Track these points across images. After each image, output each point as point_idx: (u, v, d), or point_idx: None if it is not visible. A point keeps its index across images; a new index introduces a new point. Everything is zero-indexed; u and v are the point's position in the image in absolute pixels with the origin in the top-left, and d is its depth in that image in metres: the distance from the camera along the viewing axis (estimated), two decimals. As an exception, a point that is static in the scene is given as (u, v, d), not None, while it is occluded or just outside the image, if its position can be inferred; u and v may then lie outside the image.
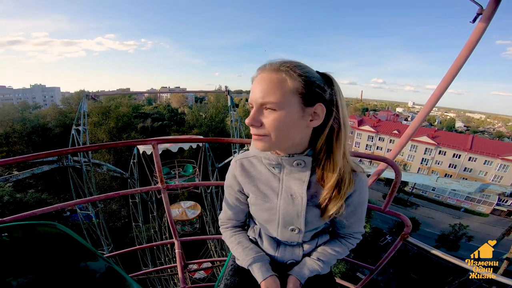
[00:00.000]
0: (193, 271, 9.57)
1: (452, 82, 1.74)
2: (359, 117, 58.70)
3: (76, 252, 1.13)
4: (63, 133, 29.37)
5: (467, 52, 1.58)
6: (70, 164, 11.95)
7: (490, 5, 1.41)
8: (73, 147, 1.69)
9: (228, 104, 14.01)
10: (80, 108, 12.68)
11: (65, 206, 1.72)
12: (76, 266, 1.10)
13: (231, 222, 1.25)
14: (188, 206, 13.60)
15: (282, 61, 0.86)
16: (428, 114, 1.98)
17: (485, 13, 1.44)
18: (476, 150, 40.79)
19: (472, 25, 1.50)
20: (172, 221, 2.08)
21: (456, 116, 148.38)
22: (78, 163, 12.20)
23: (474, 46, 1.56)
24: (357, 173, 1.00)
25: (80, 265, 1.12)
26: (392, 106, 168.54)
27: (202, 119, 37.75)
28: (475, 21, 1.49)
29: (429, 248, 1.84)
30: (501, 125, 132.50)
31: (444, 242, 25.61)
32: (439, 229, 30.27)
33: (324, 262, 1.10)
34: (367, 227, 16.56)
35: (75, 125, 12.53)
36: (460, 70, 1.67)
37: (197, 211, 13.28)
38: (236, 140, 1.93)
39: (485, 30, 1.48)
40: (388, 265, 22.61)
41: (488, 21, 1.45)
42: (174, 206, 13.71)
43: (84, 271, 1.12)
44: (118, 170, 14.48)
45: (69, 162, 11.89)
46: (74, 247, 1.12)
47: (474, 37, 1.53)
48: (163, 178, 1.89)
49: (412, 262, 21.73)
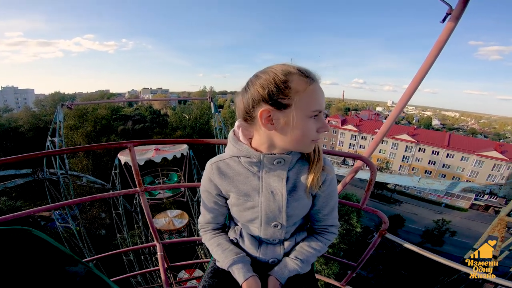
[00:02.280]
0: (185, 280, 9.26)
1: (422, 81, 1.77)
2: (342, 117, 59.67)
3: (53, 257, 1.08)
4: (36, 137, 27.78)
5: (437, 52, 1.62)
6: (46, 177, 11.17)
7: (459, 5, 1.45)
8: (44, 151, 1.58)
9: (212, 111, 13.77)
10: (55, 118, 11.80)
11: (39, 210, 1.65)
12: (54, 271, 1.06)
13: (210, 225, 1.25)
14: (175, 215, 13.20)
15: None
16: (400, 112, 2.01)
17: (454, 13, 1.48)
18: (453, 147, 42.47)
19: (442, 25, 1.55)
20: (153, 224, 2.07)
21: (433, 114, 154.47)
22: (55, 175, 11.39)
23: (443, 45, 1.60)
24: (326, 166, 1.07)
25: (58, 270, 1.07)
26: (372, 105, 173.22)
27: (186, 120, 36.63)
28: (444, 21, 1.53)
29: (406, 243, 1.84)
30: (474, 122, 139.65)
31: (428, 238, 26.26)
32: (423, 225, 31.07)
33: (303, 261, 1.13)
34: (358, 227, 16.68)
35: (50, 136, 11.70)
36: (430, 69, 1.70)
37: (185, 220, 12.88)
38: (215, 140, 1.91)
39: (454, 30, 1.53)
40: (377, 262, 22.92)
41: (457, 20, 1.49)
42: (161, 216, 13.27)
43: (62, 276, 1.07)
44: (99, 182, 13.97)
45: (45, 174, 11.10)
46: (51, 252, 1.08)
47: (443, 37, 1.57)
48: (140, 181, 1.87)
49: (400, 258, 22.06)
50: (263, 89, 0.90)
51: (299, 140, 0.96)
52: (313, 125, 0.94)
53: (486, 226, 23.95)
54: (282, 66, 0.93)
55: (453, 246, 26.70)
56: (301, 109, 0.90)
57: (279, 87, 0.89)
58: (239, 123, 1.07)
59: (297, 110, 0.90)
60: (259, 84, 0.92)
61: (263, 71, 0.95)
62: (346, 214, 16.68)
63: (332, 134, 56.38)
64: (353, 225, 16.57)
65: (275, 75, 0.90)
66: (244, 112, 0.99)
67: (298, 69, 0.92)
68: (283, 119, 0.91)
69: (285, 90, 0.89)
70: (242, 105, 0.99)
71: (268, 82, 0.90)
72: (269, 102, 0.91)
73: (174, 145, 12.53)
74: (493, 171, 38.98)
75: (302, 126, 0.92)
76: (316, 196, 1.13)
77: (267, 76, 0.92)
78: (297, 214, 1.11)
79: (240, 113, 1.02)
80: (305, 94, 0.89)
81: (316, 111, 0.92)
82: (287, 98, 0.89)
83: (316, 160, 1.05)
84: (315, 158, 1.05)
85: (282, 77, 0.89)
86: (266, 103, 0.91)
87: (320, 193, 1.10)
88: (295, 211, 1.09)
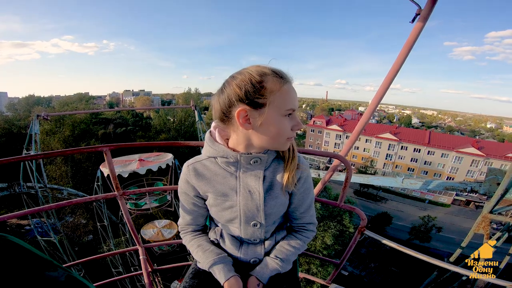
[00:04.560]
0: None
1: (394, 79, 1.79)
2: (326, 117, 60.35)
3: (31, 263, 1.00)
4: (9, 143, 26.09)
5: (407, 51, 1.65)
6: (24, 191, 10.72)
7: (427, 5, 1.50)
8: (17, 156, 1.52)
9: (196, 119, 13.86)
10: (31, 130, 11.21)
11: (13, 216, 1.63)
12: (32, 277, 0.97)
13: (190, 227, 1.26)
14: (163, 226, 12.77)
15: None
16: (374, 110, 2.02)
17: (422, 13, 1.52)
18: (433, 144, 43.90)
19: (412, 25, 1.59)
20: (133, 227, 2.05)
21: (412, 113, 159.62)
22: (33, 189, 10.91)
23: (413, 44, 1.63)
24: (300, 164, 1.11)
25: (37, 276, 0.99)
26: (355, 105, 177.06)
27: (171, 123, 35.65)
28: (414, 21, 1.56)
29: (384, 240, 1.84)
30: (450, 120, 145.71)
31: (416, 235, 26.74)
32: (409, 221, 31.79)
33: (283, 260, 1.14)
34: (351, 227, 16.69)
35: (26, 149, 11.14)
36: (401, 68, 1.72)
37: (174, 230, 12.44)
38: (196, 143, 1.91)
39: (423, 29, 1.57)
40: (368, 260, 23.09)
41: (425, 20, 1.53)
42: (149, 226, 12.79)
43: (41, 282, 0.99)
44: (81, 194, 13.70)
45: (22, 188, 10.67)
46: (28, 258, 1.00)
47: (413, 36, 1.60)
48: (118, 185, 1.87)
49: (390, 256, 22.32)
50: (240, 89, 0.92)
51: (275, 138, 0.98)
52: (288, 123, 0.97)
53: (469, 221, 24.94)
54: (257, 67, 0.95)
55: (440, 241, 27.38)
56: (276, 108, 0.93)
57: (255, 87, 0.91)
58: (216, 124, 1.09)
59: (272, 109, 0.93)
60: (236, 84, 0.93)
61: (239, 72, 0.97)
62: (338, 215, 16.62)
63: (318, 134, 56.85)
64: (346, 225, 16.52)
65: (251, 76, 0.92)
66: (221, 113, 1.00)
67: (272, 70, 0.95)
68: (260, 118, 0.93)
69: (261, 90, 0.91)
70: (219, 105, 0.99)
71: (245, 82, 0.92)
72: (246, 102, 0.92)
73: (158, 156, 12.22)
74: (471, 167, 40.53)
75: (278, 124, 0.95)
76: (292, 194, 1.16)
77: (243, 76, 0.93)
78: (275, 212, 1.12)
79: (217, 114, 1.03)
80: (279, 93, 0.92)
81: (290, 110, 0.96)
82: (262, 97, 0.92)
83: (291, 158, 1.08)
84: (290, 157, 1.08)
85: (258, 77, 0.92)
86: (242, 102, 0.92)
87: (295, 191, 1.13)
88: (273, 210, 1.11)
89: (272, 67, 0.96)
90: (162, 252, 12.89)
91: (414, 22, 1.57)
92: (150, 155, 12.18)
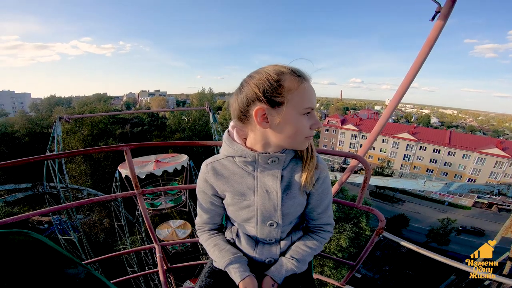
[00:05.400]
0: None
1: (414, 79, 1.75)
2: (341, 117, 59.30)
3: (52, 259, 1.08)
4: (33, 142, 27.21)
5: (427, 49, 1.61)
6: (47, 191, 11.14)
7: (447, 3, 1.46)
8: (42, 155, 1.58)
9: (211, 121, 13.96)
10: (53, 132, 11.58)
11: (37, 214, 1.69)
12: (54, 273, 1.06)
13: (207, 226, 1.27)
14: (177, 226, 13.11)
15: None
16: (393, 110, 2.00)
17: (443, 11, 1.48)
18: (454, 145, 42.17)
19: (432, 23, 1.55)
20: (150, 225, 2.07)
21: (431, 112, 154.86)
22: (55, 189, 11.32)
23: (434, 43, 1.58)
24: (319, 164, 1.10)
25: (58, 273, 1.07)
26: (371, 104, 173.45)
27: (185, 123, 36.12)
28: (434, 19, 1.53)
29: (403, 242, 1.82)
30: (472, 119, 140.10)
31: (434, 237, 25.88)
32: (427, 224, 30.85)
33: (299, 261, 1.14)
34: (367, 230, 16.35)
35: (49, 151, 11.52)
36: (421, 67, 1.68)
37: (188, 230, 12.79)
38: (212, 142, 1.93)
39: (443, 28, 1.52)
40: (383, 263, 22.57)
41: (446, 18, 1.49)
42: (163, 226, 13.15)
43: (62, 278, 1.08)
44: (100, 194, 13.95)
45: (45, 188, 11.08)
46: (50, 255, 1.08)
47: (433, 35, 1.56)
48: (137, 183, 1.89)
49: (406, 259, 21.73)
50: (258, 88, 0.92)
51: (293, 137, 0.98)
52: (306, 122, 0.97)
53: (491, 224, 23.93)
54: (275, 66, 0.96)
55: (459, 245, 26.43)
56: (294, 107, 0.93)
57: (273, 86, 0.91)
58: (234, 123, 1.10)
59: (290, 107, 0.93)
60: (253, 83, 0.94)
61: (257, 72, 0.97)
62: (355, 217, 16.29)
63: (332, 133, 56.01)
64: (362, 228, 16.16)
65: (268, 75, 0.92)
66: (239, 112, 1.01)
67: (289, 69, 0.94)
68: (278, 116, 0.94)
69: (279, 89, 0.91)
70: (237, 104, 1.00)
71: (262, 81, 0.92)
72: (264, 101, 0.92)
73: (174, 157, 12.45)
74: (495, 168, 38.69)
75: (296, 123, 0.95)
76: (310, 194, 1.15)
77: (260, 75, 0.94)
78: (292, 212, 1.12)
79: (235, 113, 1.03)
80: (297, 92, 0.92)
81: (308, 108, 0.96)
82: (280, 96, 0.92)
83: (309, 158, 1.07)
84: (308, 156, 1.07)
85: (275, 76, 0.92)
86: (260, 101, 0.93)
87: (314, 191, 1.12)
88: (290, 210, 1.10)
89: (290, 66, 0.95)
90: (176, 251, 13.18)
91: (434, 20, 1.53)
92: (166, 156, 12.44)
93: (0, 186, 10.47)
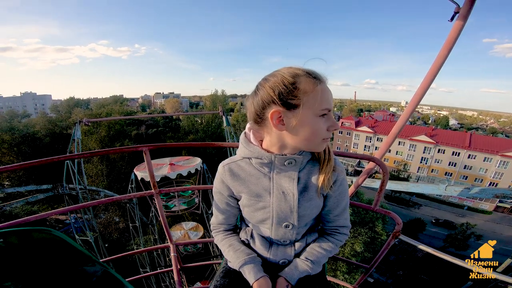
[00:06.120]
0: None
1: (434, 80, 1.73)
2: (356, 118, 58.30)
3: (72, 257, 1.12)
4: (53, 143, 28.20)
5: (447, 51, 1.59)
6: (66, 192, 11.60)
7: (466, 3, 1.43)
8: (64, 155, 1.65)
9: (224, 125, 14.07)
10: (73, 135, 12.00)
11: (57, 212, 1.76)
12: (73, 270, 1.10)
13: (222, 227, 1.28)
14: (190, 228, 13.37)
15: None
16: (412, 112, 1.98)
17: (461, 11, 1.46)
18: (475, 147, 40.66)
19: (450, 24, 1.53)
20: (166, 224, 2.10)
21: (449, 113, 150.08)
22: (74, 190, 11.77)
23: (453, 44, 1.57)
24: (336, 167, 1.09)
25: (77, 270, 1.11)
26: (386, 106, 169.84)
27: (198, 124, 36.54)
28: (453, 20, 1.51)
29: (421, 245, 1.80)
30: (493, 121, 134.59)
31: (452, 242, 24.99)
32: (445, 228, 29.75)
33: (313, 262, 1.13)
34: (383, 234, 16.00)
35: (69, 153, 11.77)
36: (441, 68, 1.66)
37: (200, 232, 13.02)
38: (227, 144, 1.95)
39: (463, 28, 1.50)
40: (396, 267, 21.95)
41: (465, 19, 1.47)
42: (176, 228, 13.47)
43: (80, 276, 1.11)
44: (116, 196, 14.01)
45: (65, 190, 11.55)
46: (70, 252, 1.11)
47: (452, 36, 1.54)
48: (155, 183, 1.92)
49: (421, 263, 21.07)
50: (273, 90, 0.93)
51: (310, 139, 0.98)
52: (323, 124, 0.96)
53: (512, 229, 22.59)
54: (289, 69, 0.96)
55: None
56: (310, 109, 0.93)
57: (288, 88, 0.91)
58: (250, 126, 1.10)
59: (307, 109, 0.93)
60: (269, 86, 0.94)
61: (271, 74, 0.98)
62: (370, 221, 15.92)
63: (346, 136, 55.18)
64: (378, 232, 15.78)
65: (283, 77, 0.92)
66: (255, 114, 1.01)
67: (305, 71, 0.94)
68: (294, 119, 0.93)
69: (294, 91, 0.91)
70: (253, 107, 1.01)
71: (277, 84, 0.92)
72: (279, 103, 0.93)
73: (188, 160, 12.65)
74: (518, 172, 37.04)
75: (312, 125, 0.95)
76: (327, 196, 1.14)
77: (275, 78, 0.94)
78: (309, 214, 1.12)
79: (251, 116, 1.04)
80: (313, 94, 0.92)
81: (325, 110, 0.95)
82: (296, 98, 0.92)
83: (327, 160, 1.07)
84: (325, 159, 1.07)
85: (290, 79, 0.92)
86: (276, 104, 0.93)
87: (331, 193, 1.12)
88: (307, 211, 1.10)
89: (305, 68, 0.95)
90: (187, 253, 13.44)
91: (453, 20, 1.50)
92: (180, 159, 12.64)
93: (22, 187, 10.94)
